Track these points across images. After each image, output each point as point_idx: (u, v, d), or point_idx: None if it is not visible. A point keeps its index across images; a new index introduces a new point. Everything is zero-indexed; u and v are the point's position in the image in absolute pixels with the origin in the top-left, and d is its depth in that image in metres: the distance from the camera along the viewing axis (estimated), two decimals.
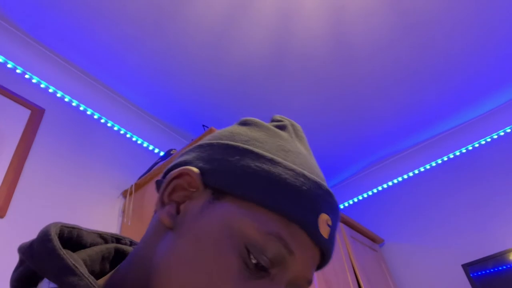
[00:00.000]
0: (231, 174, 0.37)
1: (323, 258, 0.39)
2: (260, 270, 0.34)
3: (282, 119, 0.47)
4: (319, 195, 0.37)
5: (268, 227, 0.34)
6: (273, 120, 0.48)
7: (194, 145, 0.44)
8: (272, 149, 0.39)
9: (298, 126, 0.49)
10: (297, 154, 0.41)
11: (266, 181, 0.36)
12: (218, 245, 0.34)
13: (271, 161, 0.37)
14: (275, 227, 0.35)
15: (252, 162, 0.37)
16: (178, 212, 0.38)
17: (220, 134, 0.43)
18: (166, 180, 0.39)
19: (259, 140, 0.40)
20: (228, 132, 0.43)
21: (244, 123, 0.45)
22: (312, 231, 0.36)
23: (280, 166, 0.37)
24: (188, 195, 0.39)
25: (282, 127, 0.46)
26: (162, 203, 0.39)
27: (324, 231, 0.37)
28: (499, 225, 2.01)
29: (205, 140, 0.43)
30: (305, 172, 0.38)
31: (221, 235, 0.35)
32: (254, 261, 0.34)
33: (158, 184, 0.42)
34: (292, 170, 0.37)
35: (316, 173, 0.40)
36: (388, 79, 2.04)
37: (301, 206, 0.36)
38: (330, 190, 0.40)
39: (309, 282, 0.38)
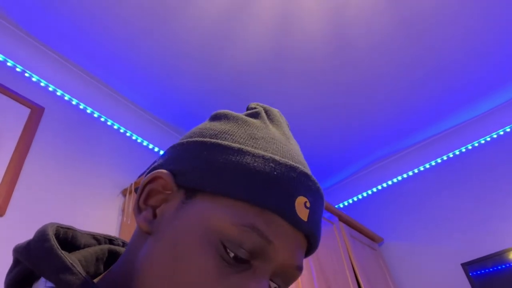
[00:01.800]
0: (199, 171, 0.37)
1: (310, 243, 0.39)
2: (241, 263, 0.34)
3: (256, 106, 0.47)
4: (293, 178, 0.36)
5: (241, 219, 0.34)
6: (247, 109, 0.47)
7: (168, 148, 0.44)
8: (241, 139, 0.39)
9: (275, 111, 0.47)
10: (269, 140, 0.40)
11: (234, 173, 0.35)
12: (194, 244, 0.34)
13: (239, 151, 0.37)
14: (248, 218, 0.34)
15: (219, 156, 0.37)
16: (155, 216, 0.38)
17: (191, 132, 0.43)
18: (140, 186, 0.40)
19: (228, 132, 0.40)
20: (199, 129, 0.43)
21: (214, 117, 0.45)
22: (289, 216, 0.35)
23: (248, 155, 0.36)
24: (165, 198, 0.38)
25: (254, 115, 0.45)
26: (138, 209, 0.39)
27: (303, 214, 0.36)
28: (498, 224, 2.01)
29: (179, 140, 0.43)
30: (275, 157, 0.37)
31: (195, 234, 0.34)
32: (231, 254, 0.33)
33: (136, 190, 0.42)
34: (262, 156, 0.37)
35: (291, 156, 0.39)
36: (387, 79, 2.04)
37: (273, 192, 0.35)
38: (307, 171, 0.39)
39: (298, 268, 0.37)
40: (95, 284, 0.33)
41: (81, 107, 1.81)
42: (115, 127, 1.92)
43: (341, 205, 2.76)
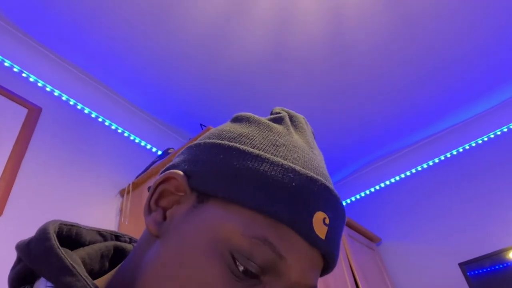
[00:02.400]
0: (213, 175, 0.35)
1: (327, 262, 0.36)
2: (250, 278, 0.31)
3: (280, 111, 0.44)
4: (313, 191, 0.34)
5: (254, 231, 0.32)
6: (271, 113, 0.45)
7: (186, 147, 0.42)
8: (261, 145, 0.37)
9: (300, 117, 0.45)
10: (290, 148, 0.37)
11: (249, 180, 0.33)
12: (201, 252, 0.32)
13: (257, 157, 0.35)
14: (261, 230, 0.32)
15: (236, 161, 0.35)
16: (165, 218, 0.37)
17: (210, 133, 0.42)
18: (153, 185, 0.38)
19: (248, 136, 0.38)
20: (218, 130, 0.41)
21: (236, 119, 0.43)
22: (305, 232, 0.32)
23: (266, 163, 0.34)
24: (177, 200, 0.37)
25: (278, 120, 0.43)
26: (149, 210, 0.37)
27: (321, 231, 0.33)
28: (496, 224, 2.02)
29: (197, 140, 0.41)
30: (296, 167, 0.34)
31: (204, 242, 0.32)
32: (241, 268, 0.31)
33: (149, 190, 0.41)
34: (281, 165, 0.34)
35: (313, 167, 0.37)
36: (386, 78, 2.04)
37: (290, 204, 0.32)
38: (330, 185, 0.36)
39: None
40: (96, 286, 0.32)
41: (78, 107, 1.80)
42: (113, 127, 1.91)
43: None
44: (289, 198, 0.33)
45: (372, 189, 2.64)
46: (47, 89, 1.71)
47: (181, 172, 0.37)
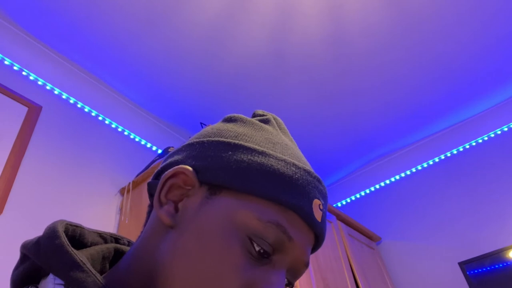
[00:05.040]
0: (225, 169, 0.38)
1: (317, 241, 0.42)
2: (263, 257, 0.35)
3: (265, 114, 0.49)
4: (310, 182, 0.40)
5: (267, 216, 0.36)
6: (255, 115, 0.49)
7: (183, 145, 0.45)
8: (261, 143, 0.41)
9: (280, 120, 0.50)
10: (284, 146, 0.42)
11: (260, 173, 0.37)
12: (221, 238, 0.35)
13: (263, 153, 0.39)
14: (274, 215, 0.36)
15: (245, 156, 0.39)
16: (176, 210, 0.39)
17: (207, 132, 0.44)
18: (162, 180, 0.40)
19: (248, 135, 0.42)
20: (216, 130, 0.44)
21: (229, 120, 0.47)
22: (308, 216, 0.38)
23: (271, 158, 0.39)
24: (185, 193, 0.40)
25: (265, 121, 0.47)
26: (160, 203, 0.39)
27: (318, 215, 0.39)
28: (496, 223, 2.02)
29: (194, 139, 0.44)
30: (295, 162, 0.40)
31: (223, 228, 0.36)
32: (257, 248, 0.35)
33: (150, 185, 0.43)
34: (283, 160, 0.39)
35: (304, 162, 0.42)
36: (386, 77, 2.04)
37: (296, 193, 0.37)
38: (319, 176, 0.42)
39: (307, 264, 0.39)
40: (105, 281, 0.33)
41: (78, 105, 1.80)
42: (113, 125, 1.91)
43: (339, 204, 2.76)
44: (294, 188, 0.38)
45: (372, 188, 2.64)
46: (47, 87, 1.71)
47: (190, 167, 0.40)
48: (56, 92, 1.73)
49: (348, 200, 2.73)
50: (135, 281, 0.36)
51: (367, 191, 2.66)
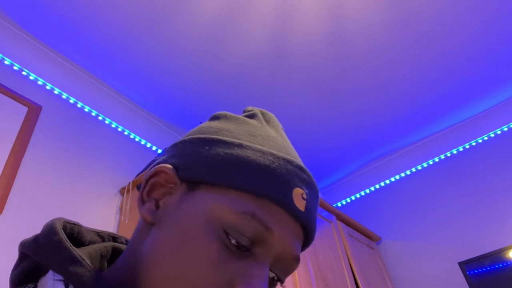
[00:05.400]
0: (201, 164, 0.38)
1: (307, 235, 0.40)
2: (243, 251, 0.35)
3: (252, 109, 0.49)
4: (290, 170, 0.38)
5: (242, 207, 0.35)
6: (244, 112, 0.50)
7: (170, 146, 0.46)
8: (241, 136, 0.41)
9: (271, 114, 0.50)
10: (266, 137, 0.42)
11: (235, 165, 0.37)
12: (197, 232, 0.35)
13: (239, 145, 0.39)
14: (249, 206, 0.35)
15: (220, 150, 0.39)
16: (158, 207, 0.40)
17: (192, 131, 0.45)
18: (144, 180, 0.41)
19: (228, 130, 0.42)
20: (199, 128, 0.45)
21: (214, 118, 0.47)
22: (288, 206, 0.37)
23: (248, 149, 0.39)
24: (168, 191, 0.40)
25: (252, 116, 0.47)
26: (142, 201, 0.40)
27: (300, 204, 0.38)
28: (496, 223, 2.02)
29: (180, 138, 0.45)
30: (274, 151, 0.39)
31: (198, 223, 0.36)
32: (233, 241, 0.34)
33: (139, 188, 0.44)
34: (260, 151, 0.39)
35: (287, 151, 0.41)
36: (386, 77, 2.04)
37: (272, 182, 0.37)
38: (303, 165, 0.41)
39: (296, 258, 0.38)
40: (104, 275, 0.34)
41: (78, 105, 1.80)
42: (113, 125, 1.91)
43: (339, 204, 2.76)
44: (271, 177, 0.37)
45: (372, 188, 2.64)
46: (47, 87, 1.71)
47: (169, 165, 0.40)
48: (56, 92, 1.73)
49: (348, 200, 2.73)
50: (127, 278, 0.37)
51: (367, 191, 2.66)
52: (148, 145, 2.05)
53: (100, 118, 1.86)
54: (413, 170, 2.50)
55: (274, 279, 0.39)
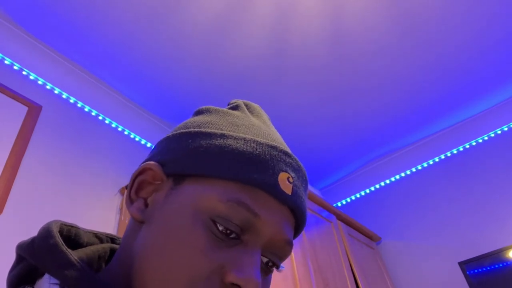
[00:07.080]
0: (184, 157, 0.39)
1: (297, 219, 0.40)
2: (232, 239, 0.35)
3: (236, 101, 0.49)
4: (274, 156, 0.39)
5: (228, 195, 0.35)
6: (228, 104, 0.50)
7: (156, 143, 0.46)
8: (223, 126, 0.41)
9: (255, 105, 0.50)
10: (249, 126, 0.42)
11: (218, 155, 0.37)
12: (185, 224, 0.35)
13: (222, 135, 0.39)
14: (235, 194, 0.36)
15: (203, 141, 0.39)
16: (146, 205, 0.40)
17: (177, 127, 0.46)
18: (131, 179, 0.41)
19: (210, 122, 0.42)
20: (183, 124, 0.45)
21: (197, 113, 0.48)
22: (273, 190, 0.37)
23: (230, 139, 0.39)
24: (155, 188, 0.40)
25: (235, 107, 0.48)
26: (130, 201, 0.40)
27: (287, 188, 0.38)
28: (496, 223, 2.02)
29: (166, 135, 0.45)
30: (256, 138, 0.39)
31: (186, 215, 0.36)
32: (221, 228, 0.35)
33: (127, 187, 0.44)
34: (243, 139, 0.39)
35: (271, 138, 0.41)
36: (386, 77, 2.04)
37: (256, 168, 0.37)
38: (288, 150, 0.41)
39: (288, 242, 0.38)
40: (100, 279, 0.34)
41: (78, 105, 1.80)
42: (113, 125, 1.91)
43: (339, 204, 2.76)
44: (254, 164, 0.37)
45: (372, 188, 2.64)
46: (47, 87, 1.71)
47: (154, 162, 0.41)
48: (56, 92, 1.73)
49: (348, 200, 2.73)
50: (122, 278, 0.37)
51: (367, 191, 2.66)
52: (148, 145, 2.05)
53: (100, 118, 1.86)
54: (413, 170, 2.50)
55: (269, 264, 0.39)
